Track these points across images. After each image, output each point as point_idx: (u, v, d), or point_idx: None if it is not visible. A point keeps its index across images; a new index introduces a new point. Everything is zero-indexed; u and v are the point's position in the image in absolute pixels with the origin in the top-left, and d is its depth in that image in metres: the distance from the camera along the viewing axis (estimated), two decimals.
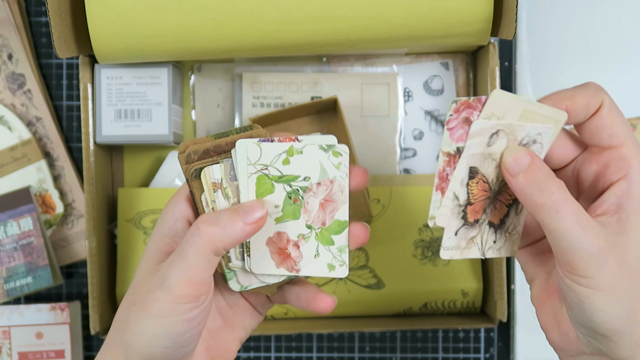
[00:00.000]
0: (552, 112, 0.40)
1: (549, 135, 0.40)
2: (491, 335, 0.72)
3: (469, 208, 0.41)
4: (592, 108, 0.39)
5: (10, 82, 0.70)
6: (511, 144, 0.40)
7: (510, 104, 0.39)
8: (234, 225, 0.40)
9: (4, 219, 0.68)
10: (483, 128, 0.39)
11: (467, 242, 0.42)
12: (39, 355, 0.68)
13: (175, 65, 0.67)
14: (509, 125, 0.39)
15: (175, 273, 0.40)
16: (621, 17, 0.70)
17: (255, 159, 0.41)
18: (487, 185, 0.41)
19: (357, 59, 0.69)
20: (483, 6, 0.58)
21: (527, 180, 0.38)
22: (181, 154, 0.44)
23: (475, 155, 0.39)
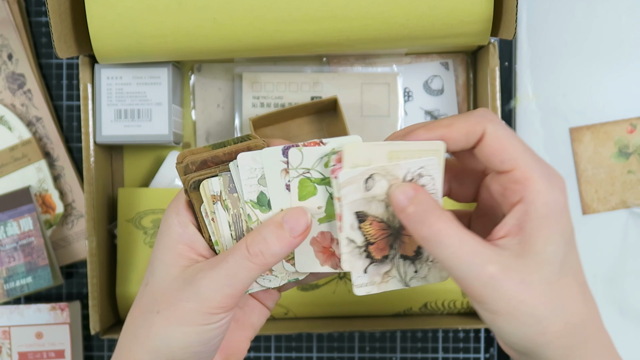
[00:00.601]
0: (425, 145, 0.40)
1: (434, 166, 0.40)
2: (491, 335, 0.72)
3: (371, 247, 0.42)
4: (473, 136, 0.40)
5: (10, 82, 0.70)
6: (393, 182, 0.40)
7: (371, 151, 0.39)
8: (283, 242, 0.41)
9: (4, 219, 0.68)
10: (352, 177, 0.39)
11: (381, 276, 0.42)
12: (39, 355, 0.68)
13: (175, 65, 0.67)
14: (381, 168, 0.39)
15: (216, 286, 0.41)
16: (621, 17, 0.70)
17: (297, 163, 0.41)
18: (384, 224, 0.41)
19: (357, 59, 0.69)
20: (483, 6, 0.58)
21: (408, 216, 0.39)
22: (179, 164, 0.44)
23: (356, 202, 0.40)
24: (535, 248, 0.38)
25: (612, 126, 0.70)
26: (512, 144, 0.39)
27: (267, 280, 0.45)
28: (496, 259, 0.38)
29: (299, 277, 0.45)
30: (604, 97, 0.71)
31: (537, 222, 0.38)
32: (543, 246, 0.38)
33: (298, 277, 0.45)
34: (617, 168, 0.70)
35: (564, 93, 0.71)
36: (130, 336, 0.43)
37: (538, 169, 0.38)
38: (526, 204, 0.38)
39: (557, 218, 0.38)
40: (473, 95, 0.70)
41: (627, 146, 0.70)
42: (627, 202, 0.70)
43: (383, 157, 0.39)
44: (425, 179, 0.40)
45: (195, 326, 0.41)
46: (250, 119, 0.64)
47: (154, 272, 0.43)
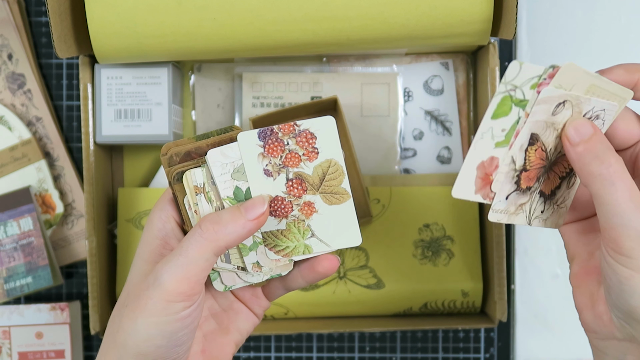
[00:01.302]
0: (618, 90, 0.40)
1: (612, 113, 0.40)
2: (491, 335, 0.72)
3: (524, 174, 0.41)
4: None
5: (10, 82, 0.70)
6: (575, 115, 0.40)
7: (579, 77, 0.39)
8: (236, 222, 0.41)
9: (4, 219, 0.68)
10: (551, 96, 0.38)
11: (516, 207, 0.42)
12: (39, 355, 0.68)
13: (175, 65, 0.67)
14: (576, 97, 0.39)
15: (172, 271, 0.40)
16: (621, 17, 0.71)
17: (511, 77, 0.39)
18: (545, 154, 0.41)
19: (357, 59, 0.69)
20: (483, 6, 0.58)
21: (586, 150, 0.38)
22: (163, 156, 0.44)
23: (539, 122, 0.39)
24: None
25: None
26: None
27: (249, 275, 0.45)
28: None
29: (281, 272, 0.45)
30: None
31: None
32: None
33: (281, 272, 0.45)
34: None
35: None
36: (107, 332, 0.44)
37: None
38: None
39: None
40: (473, 95, 0.70)
41: None
42: None
43: (584, 87, 0.39)
44: (597, 122, 0.40)
45: (156, 317, 0.40)
46: (250, 119, 0.64)
47: (132, 267, 0.44)
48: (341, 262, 0.67)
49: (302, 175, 0.43)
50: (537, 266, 0.71)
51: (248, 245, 0.44)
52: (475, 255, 0.68)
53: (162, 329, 0.41)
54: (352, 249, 0.67)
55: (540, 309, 0.72)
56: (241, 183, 0.42)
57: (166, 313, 0.40)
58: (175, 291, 0.40)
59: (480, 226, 0.68)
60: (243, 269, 0.45)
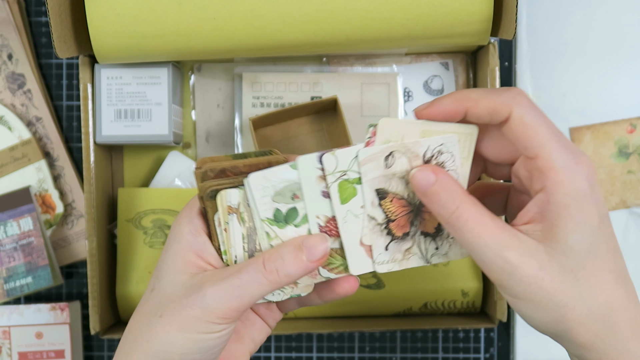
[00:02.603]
0: (458, 128, 0.40)
1: (454, 144, 0.40)
2: (491, 335, 0.72)
3: (392, 224, 0.42)
4: (498, 116, 0.39)
5: (10, 82, 0.70)
6: (413, 161, 0.40)
7: (404, 127, 0.39)
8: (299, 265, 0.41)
9: (4, 219, 0.68)
10: (371, 154, 0.39)
11: (402, 254, 0.43)
12: (39, 355, 0.68)
13: (175, 65, 0.67)
14: (401, 145, 0.39)
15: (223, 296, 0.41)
16: (621, 17, 0.70)
17: (332, 168, 0.41)
18: (404, 201, 0.42)
19: (357, 59, 0.69)
20: (483, 6, 0.58)
21: (430, 200, 0.39)
22: (198, 170, 0.44)
23: (376, 179, 0.40)
24: (557, 237, 0.38)
25: (612, 126, 0.70)
26: (536, 131, 0.38)
27: (270, 294, 0.45)
28: (516, 245, 0.38)
29: (301, 293, 0.45)
30: (604, 97, 0.71)
31: (558, 212, 0.38)
32: (565, 235, 0.38)
33: (301, 293, 0.45)
34: (617, 168, 0.70)
35: (564, 93, 0.71)
36: (131, 340, 0.43)
37: (561, 157, 0.38)
38: (547, 193, 0.38)
39: (580, 207, 0.38)
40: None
41: (627, 146, 0.70)
42: (627, 202, 0.70)
43: (416, 134, 0.40)
44: (445, 156, 0.40)
45: (196, 333, 0.41)
46: (250, 119, 0.64)
47: (161, 277, 0.43)
48: None
49: None
50: None
51: None
52: None
53: (201, 346, 0.41)
54: None
55: None
56: (281, 205, 0.43)
57: (207, 331, 0.41)
58: (222, 315, 0.41)
59: None
60: None
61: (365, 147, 0.39)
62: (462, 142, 0.41)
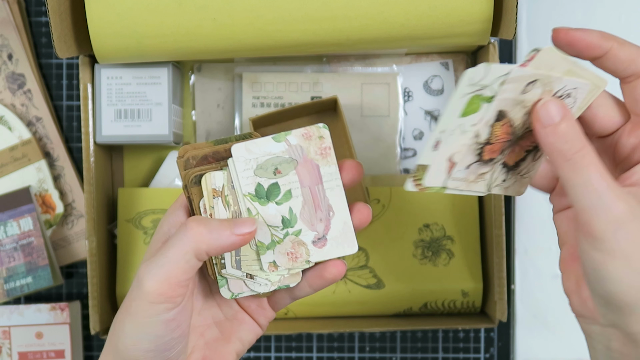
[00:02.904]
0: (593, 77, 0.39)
1: (584, 92, 0.40)
2: (491, 335, 0.72)
3: (487, 147, 0.41)
4: (636, 67, 0.38)
5: (10, 82, 0.70)
6: (545, 94, 0.39)
7: (557, 61, 0.39)
8: (222, 231, 0.41)
9: (4, 219, 0.68)
10: (522, 75, 0.38)
11: (475, 176, 0.42)
12: (39, 355, 0.68)
13: (175, 65, 0.67)
14: (546, 76, 0.39)
15: (153, 272, 0.40)
16: (621, 17, 0.70)
17: (478, 78, 0.39)
18: (512, 129, 0.41)
19: (357, 59, 0.69)
20: (483, 6, 0.58)
21: (556, 134, 0.38)
22: (180, 159, 0.44)
23: (507, 100, 0.39)
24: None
25: None
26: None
27: (257, 284, 0.44)
28: (629, 200, 0.37)
29: (290, 283, 0.45)
30: None
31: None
32: None
33: (289, 283, 0.45)
34: None
35: None
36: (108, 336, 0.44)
37: None
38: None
39: None
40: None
41: None
42: None
43: (562, 71, 0.39)
44: (569, 100, 0.40)
45: (140, 319, 0.40)
46: (250, 119, 0.64)
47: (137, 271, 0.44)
48: None
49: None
50: (537, 266, 0.71)
51: (266, 243, 0.44)
52: (475, 256, 0.68)
53: (147, 332, 0.41)
54: None
55: (540, 309, 0.72)
56: (263, 180, 0.42)
57: (149, 315, 0.40)
58: (156, 292, 0.40)
59: (480, 226, 0.68)
60: (251, 277, 0.44)
61: (519, 67, 0.38)
62: (589, 93, 0.40)
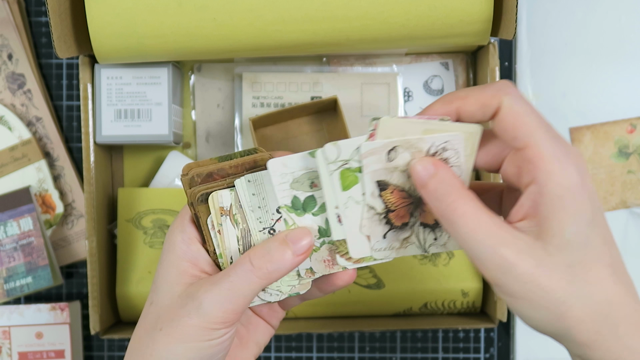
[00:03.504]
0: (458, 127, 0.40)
1: (459, 141, 0.40)
2: (491, 335, 0.72)
3: (392, 215, 0.42)
4: (489, 109, 0.39)
5: (10, 82, 0.70)
6: (417, 156, 0.40)
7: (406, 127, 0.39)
8: (284, 258, 0.41)
9: (4, 219, 0.68)
10: (374, 148, 0.39)
11: (400, 242, 0.43)
12: (39, 355, 0.68)
13: (175, 65, 0.67)
14: (404, 141, 0.39)
15: (217, 300, 0.41)
16: (621, 17, 0.70)
17: (334, 157, 0.40)
18: (405, 193, 0.41)
19: (357, 59, 0.69)
20: (483, 6, 0.58)
21: (427, 192, 0.39)
22: (184, 176, 0.44)
23: (378, 171, 0.40)
24: (552, 231, 0.37)
25: (612, 126, 0.70)
26: (526, 121, 0.38)
27: (268, 294, 0.45)
28: (511, 242, 0.37)
29: (300, 291, 0.45)
30: (604, 97, 0.71)
31: (551, 204, 0.37)
32: (560, 228, 0.36)
33: (300, 291, 0.45)
34: (617, 168, 0.70)
35: (564, 93, 0.71)
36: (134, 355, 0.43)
37: (551, 147, 0.37)
38: (539, 184, 0.37)
39: (573, 198, 0.36)
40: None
41: (627, 146, 0.70)
42: (627, 202, 0.70)
43: (418, 133, 0.39)
44: (449, 153, 0.40)
45: (196, 342, 0.41)
46: (250, 119, 0.64)
47: (157, 290, 0.43)
48: None
49: None
50: None
51: None
52: None
53: (202, 354, 0.41)
54: None
55: None
56: (299, 193, 0.43)
57: (208, 338, 0.41)
58: (220, 320, 0.41)
59: None
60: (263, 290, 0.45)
61: (367, 141, 0.39)
62: (465, 141, 0.40)
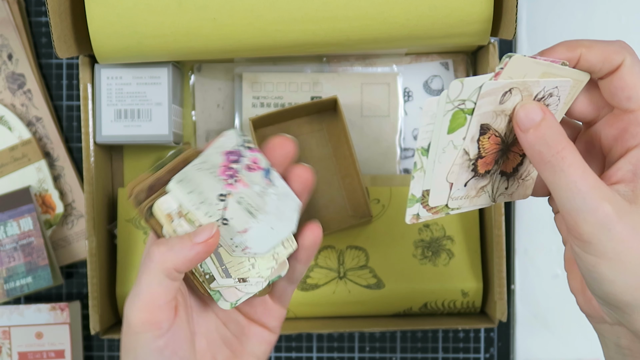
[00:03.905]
0: (572, 74, 0.39)
1: (566, 89, 0.39)
2: (491, 335, 0.72)
3: (480, 161, 0.40)
4: (610, 64, 0.38)
5: (10, 82, 0.70)
6: (526, 99, 0.39)
7: (530, 67, 0.38)
8: (183, 244, 0.40)
9: (4, 219, 0.68)
10: (494, 88, 0.38)
11: (477, 191, 0.41)
12: (39, 355, 0.68)
13: (175, 65, 0.67)
14: (522, 83, 0.38)
15: (131, 303, 0.40)
16: (621, 17, 0.70)
17: (455, 95, 0.38)
18: (500, 139, 0.40)
19: (357, 59, 0.69)
20: (483, 6, 0.58)
21: (535, 137, 0.37)
22: (130, 199, 0.43)
23: (486, 114, 0.39)
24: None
25: None
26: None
27: (250, 285, 0.44)
28: (615, 200, 0.35)
29: (281, 273, 0.44)
30: None
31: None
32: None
33: (280, 274, 0.44)
34: None
35: None
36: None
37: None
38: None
39: None
40: None
41: None
42: None
43: (537, 74, 0.38)
44: (553, 99, 0.39)
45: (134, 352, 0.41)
46: (250, 119, 0.64)
47: None
48: (341, 262, 0.67)
49: None
50: (537, 266, 0.71)
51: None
52: (475, 255, 0.68)
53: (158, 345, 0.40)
54: (352, 249, 0.67)
55: (540, 309, 0.72)
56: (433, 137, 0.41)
57: (140, 346, 0.40)
58: (139, 322, 0.40)
59: (480, 226, 0.68)
60: (244, 280, 0.44)
61: (491, 80, 0.38)
62: (571, 88, 0.39)
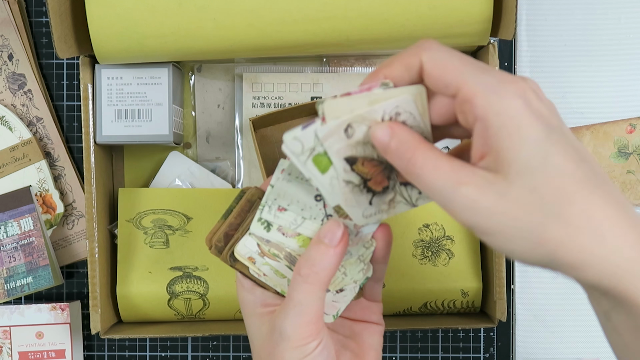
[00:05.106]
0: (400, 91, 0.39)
1: (409, 103, 0.39)
2: (491, 335, 0.72)
3: (370, 182, 0.42)
4: (413, 69, 0.39)
5: (10, 82, 0.70)
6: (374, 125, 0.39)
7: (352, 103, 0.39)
8: (327, 255, 0.43)
9: (4, 219, 0.68)
10: (330, 130, 0.39)
11: (387, 204, 0.43)
12: (39, 355, 0.68)
13: (175, 66, 0.67)
14: (357, 116, 0.39)
15: (291, 320, 0.43)
16: (620, 17, 0.71)
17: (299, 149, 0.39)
18: (375, 161, 0.41)
19: (357, 60, 0.70)
20: (483, 6, 0.58)
21: (392, 155, 0.39)
22: (211, 249, 0.46)
23: (342, 149, 0.40)
24: (506, 160, 0.35)
25: (612, 126, 0.70)
26: (450, 66, 0.37)
27: (346, 292, 0.46)
28: (471, 180, 0.36)
29: (368, 274, 0.46)
30: (604, 97, 0.71)
31: (497, 135, 0.36)
32: (513, 154, 0.35)
33: (368, 275, 0.46)
34: (616, 168, 0.70)
35: (563, 93, 0.71)
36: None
37: (482, 81, 0.36)
38: (481, 120, 0.36)
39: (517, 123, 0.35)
40: None
41: (626, 146, 0.70)
42: None
43: (364, 106, 0.39)
44: (404, 116, 0.40)
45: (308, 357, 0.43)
46: (250, 119, 0.64)
47: (252, 340, 0.47)
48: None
49: None
50: None
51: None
52: (475, 255, 0.68)
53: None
54: None
55: (540, 309, 0.72)
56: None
57: (303, 356, 0.43)
58: (302, 337, 0.43)
59: None
60: (341, 290, 0.46)
61: (321, 125, 0.38)
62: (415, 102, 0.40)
